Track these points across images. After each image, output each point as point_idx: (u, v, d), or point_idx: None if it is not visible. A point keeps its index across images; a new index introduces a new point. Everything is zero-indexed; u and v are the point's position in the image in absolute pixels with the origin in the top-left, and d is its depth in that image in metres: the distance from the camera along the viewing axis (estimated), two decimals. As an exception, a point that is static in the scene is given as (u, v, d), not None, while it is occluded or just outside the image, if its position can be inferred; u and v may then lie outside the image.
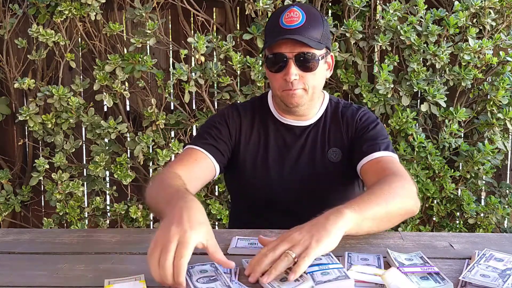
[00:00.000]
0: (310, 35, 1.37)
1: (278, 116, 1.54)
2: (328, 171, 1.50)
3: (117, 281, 0.97)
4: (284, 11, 1.40)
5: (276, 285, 0.93)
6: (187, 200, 1.06)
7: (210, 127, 1.53)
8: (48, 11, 2.57)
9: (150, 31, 2.43)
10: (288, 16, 1.38)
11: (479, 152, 2.45)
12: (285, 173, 1.51)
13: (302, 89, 1.42)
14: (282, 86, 1.42)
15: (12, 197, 2.75)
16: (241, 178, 1.56)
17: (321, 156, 1.51)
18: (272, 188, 1.51)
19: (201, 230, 0.97)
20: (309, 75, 1.41)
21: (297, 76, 1.39)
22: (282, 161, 1.52)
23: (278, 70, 1.41)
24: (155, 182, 1.33)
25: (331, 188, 1.51)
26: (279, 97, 1.46)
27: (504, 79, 2.42)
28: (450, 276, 0.99)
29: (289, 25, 1.37)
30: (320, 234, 1.00)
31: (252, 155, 1.53)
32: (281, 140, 1.53)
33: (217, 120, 1.54)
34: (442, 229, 2.61)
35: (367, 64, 2.57)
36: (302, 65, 1.39)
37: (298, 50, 1.37)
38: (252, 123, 1.55)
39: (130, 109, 2.79)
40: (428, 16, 2.39)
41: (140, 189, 2.83)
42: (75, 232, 1.35)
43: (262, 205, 1.54)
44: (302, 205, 1.47)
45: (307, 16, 1.39)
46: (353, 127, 1.52)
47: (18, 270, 1.05)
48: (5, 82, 2.73)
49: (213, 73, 2.48)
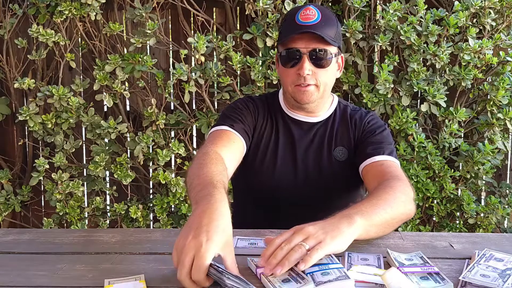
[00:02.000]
0: (325, 32, 1.41)
1: (287, 111, 1.57)
2: (333, 169, 1.52)
3: (117, 281, 0.97)
4: (300, 9, 1.44)
5: (278, 286, 0.93)
6: (211, 201, 1.02)
7: (236, 109, 1.54)
8: (48, 11, 2.57)
9: (150, 31, 2.43)
10: (304, 14, 1.42)
11: (479, 152, 2.45)
12: (291, 168, 1.53)
13: (314, 85, 1.44)
14: (294, 81, 1.44)
15: (12, 197, 2.75)
16: (249, 169, 1.56)
17: (327, 153, 1.53)
18: (279, 182, 1.53)
19: (219, 241, 0.93)
20: (322, 71, 1.43)
21: (310, 72, 1.42)
22: (290, 155, 1.53)
23: (292, 65, 1.43)
24: (196, 162, 1.28)
25: (336, 186, 1.53)
26: (290, 93, 1.48)
27: (504, 79, 2.42)
28: (450, 276, 0.99)
29: (305, 21, 1.41)
30: (334, 232, 1.01)
31: (263, 146, 1.55)
32: (289, 134, 1.55)
33: (240, 105, 1.56)
34: (442, 229, 2.61)
35: (367, 64, 2.57)
36: (315, 61, 1.41)
37: (313, 46, 1.40)
38: (265, 115, 1.58)
39: (130, 109, 2.79)
40: (428, 16, 2.39)
41: (140, 189, 2.83)
42: (75, 232, 1.35)
43: (267, 198, 1.54)
44: (307, 201, 1.48)
45: (323, 14, 1.42)
46: (360, 130, 1.55)
47: (18, 270, 1.05)
48: (5, 82, 2.73)
49: (213, 73, 2.48)
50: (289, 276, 0.96)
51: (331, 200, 1.52)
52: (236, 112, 1.54)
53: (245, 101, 1.59)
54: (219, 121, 1.53)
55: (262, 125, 1.57)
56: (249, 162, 1.55)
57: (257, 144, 1.55)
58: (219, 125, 1.50)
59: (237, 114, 1.53)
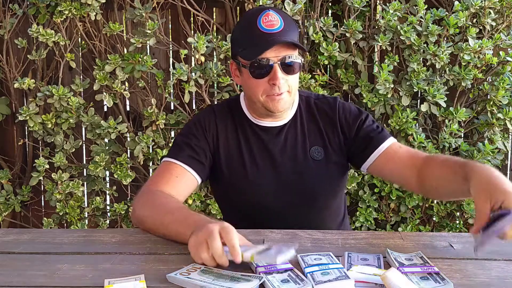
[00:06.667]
0: (292, 38, 1.37)
1: (253, 119, 1.51)
2: (312, 169, 1.48)
3: (117, 281, 0.97)
4: (260, 15, 1.37)
5: (277, 285, 0.93)
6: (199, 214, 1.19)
7: (188, 136, 1.49)
8: (48, 11, 2.57)
9: (150, 31, 2.43)
10: (266, 20, 1.35)
11: (479, 152, 2.45)
12: (269, 176, 1.48)
13: (287, 91, 1.40)
14: (266, 91, 1.38)
15: (12, 197, 2.75)
16: (227, 186, 1.53)
17: (303, 155, 1.49)
18: (260, 192, 1.49)
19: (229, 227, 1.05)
20: (293, 77, 1.40)
21: (284, 80, 1.37)
22: (265, 164, 1.49)
23: (263, 76, 1.38)
24: (146, 204, 1.33)
25: (317, 186, 1.49)
26: (262, 103, 1.41)
27: (504, 79, 2.42)
28: (450, 276, 0.99)
29: (270, 29, 1.35)
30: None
31: (234, 161, 1.50)
32: (260, 142, 1.50)
33: (193, 128, 1.50)
34: (442, 229, 2.61)
35: (367, 64, 2.57)
36: (286, 68, 1.37)
37: (283, 53, 1.36)
38: (229, 127, 1.51)
39: (130, 109, 2.79)
40: (428, 16, 2.39)
41: (140, 189, 2.83)
42: (75, 232, 1.36)
43: (251, 210, 1.50)
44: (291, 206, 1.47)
45: (284, 19, 1.38)
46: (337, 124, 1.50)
47: (18, 270, 1.05)
48: (5, 82, 2.73)
49: (213, 73, 2.48)
50: (288, 277, 0.97)
51: (317, 201, 1.50)
52: (189, 138, 1.48)
53: (200, 121, 1.51)
54: (170, 150, 1.49)
55: (226, 140, 1.50)
56: (224, 180, 1.51)
57: (226, 161, 1.50)
58: (169, 156, 1.45)
59: (190, 141, 1.47)
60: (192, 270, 1.00)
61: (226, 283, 0.94)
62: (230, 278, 0.96)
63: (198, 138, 1.48)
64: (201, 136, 1.49)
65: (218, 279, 0.95)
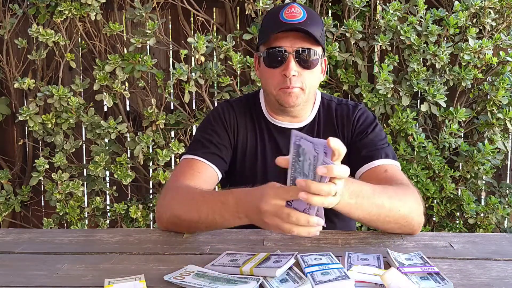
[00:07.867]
0: (313, 31, 1.34)
1: (269, 118, 1.50)
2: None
3: (117, 281, 0.97)
4: (284, 7, 1.37)
5: (275, 286, 0.93)
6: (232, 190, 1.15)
7: (209, 132, 1.47)
8: (48, 11, 2.57)
9: (150, 31, 2.43)
10: (289, 12, 1.35)
11: (479, 152, 2.45)
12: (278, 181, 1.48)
13: (300, 88, 1.38)
14: (279, 83, 1.37)
15: (12, 197, 2.75)
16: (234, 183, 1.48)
17: None
18: None
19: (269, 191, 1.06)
20: (308, 73, 1.37)
21: (296, 73, 1.35)
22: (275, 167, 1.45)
23: (276, 66, 1.36)
24: (179, 198, 1.26)
25: None
26: (274, 96, 1.40)
27: (504, 79, 2.42)
28: (450, 276, 0.99)
29: (290, 19, 1.34)
30: None
31: (247, 160, 1.49)
32: (274, 143, 1.48)
33: (214, 123, 1.48)
34: (442, 229, 2.61)
35: (367, 64, 2.57)
36: (301, 62, 1.35)
37: (298, 45, 1.34)
38: (247, 124, 1.50)
39: (130, 109, 2.79)
40: (428, 16, 2.39)
41: (140, 189, 2.83)
42: (75, 232, 1.35)
43: None
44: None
45: (308, 13, 1.36)
46: (350, 129, 1.47)
47: (18, 270, 1.05)
48: (5, 82, 2.73)
49: (213, 73, 2.48)
50: (287, 276, 0.97)
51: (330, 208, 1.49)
52: (210, 134, 1.45)
53: (219, 115, 1.49)
54: (190, 146, 1.47)
55: (244, 137, 1.48)
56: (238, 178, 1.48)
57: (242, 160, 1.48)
58: (190, 152, 1.43)
59: (211, 137, 1.45)
60: (186, 274, 0.99)
61: (223, 286, 0.93)
62: (226, 281, 0.95)
63: (219, 132, 1.46)
64: (222, 130, 1.47)
65: (215, 282, 0.94)
